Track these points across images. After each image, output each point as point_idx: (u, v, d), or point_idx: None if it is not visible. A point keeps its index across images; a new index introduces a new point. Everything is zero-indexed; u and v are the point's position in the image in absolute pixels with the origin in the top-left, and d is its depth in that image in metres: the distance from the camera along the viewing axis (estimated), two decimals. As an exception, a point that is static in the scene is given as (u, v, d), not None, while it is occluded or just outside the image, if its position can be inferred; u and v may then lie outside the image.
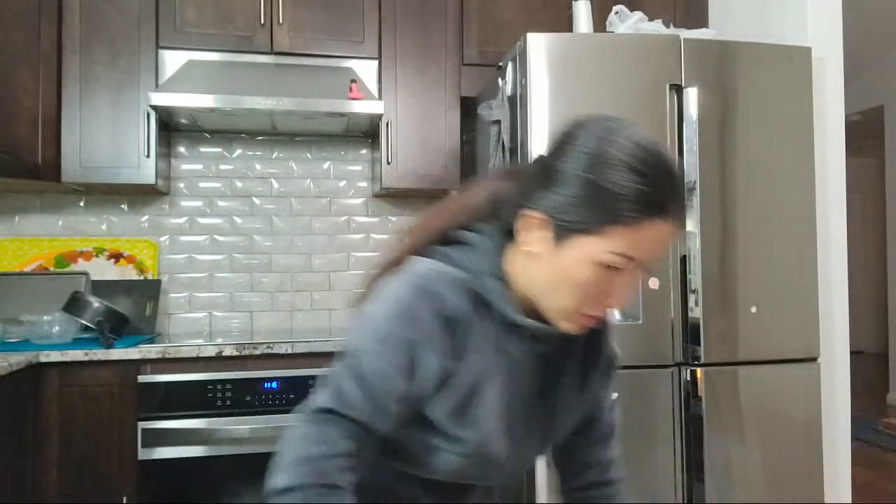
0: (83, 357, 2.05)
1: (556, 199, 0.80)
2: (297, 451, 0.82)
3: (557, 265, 0.81)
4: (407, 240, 0.93)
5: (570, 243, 0.79)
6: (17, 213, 2.60)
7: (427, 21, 2.61)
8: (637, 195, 0.76)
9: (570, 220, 0.79)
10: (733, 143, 2.11)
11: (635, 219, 0.76)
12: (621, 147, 0.78)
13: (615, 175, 0.76)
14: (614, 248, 0.77)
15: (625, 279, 0.80)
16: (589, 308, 0.81)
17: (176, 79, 2.33)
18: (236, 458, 2.12)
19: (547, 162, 0.83)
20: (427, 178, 2.60)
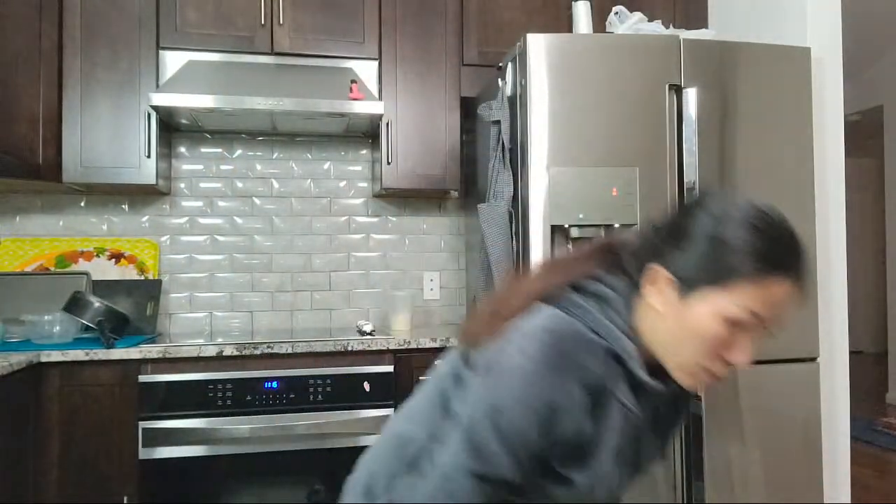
0: (84, 357, 2.06)
1: (682, 257, 0.85)
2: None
3: (683, 320, 0.84)
4: (536, 283, 0.93)
5: (696, 298, 0.83)
6: (17, 213, 2.60)
7: (427, 22, 2.61)
8: (763, 252, 0.81)
9: (696, 275, 0.84)
10: (733, 144, 2.11)
11: (760, 275, 0.80)
12: (746, 210, 0.84)
13: (741, 233, 0.82)
14: (739, 303, 0.81)
15: (748, 337, 0.83)
16: (711, 364, 0.84)
17: (176, 79, 2.33)
18: (237, 458, 2.13)
19: (674, 222, 0.89)
20: (427, 178, 2.60)
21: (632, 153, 2.04)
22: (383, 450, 0.98)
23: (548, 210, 2.00)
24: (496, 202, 2.12)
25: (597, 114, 2.03)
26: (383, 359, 2.25)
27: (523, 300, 0.91)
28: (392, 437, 0.99)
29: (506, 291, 0.97)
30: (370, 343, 2.24)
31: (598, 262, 0.94)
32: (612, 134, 2.04)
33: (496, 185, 2.14)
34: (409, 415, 0.99)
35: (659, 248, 0.88)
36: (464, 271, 2.94)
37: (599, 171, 2.02)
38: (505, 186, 2.11)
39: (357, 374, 2.22)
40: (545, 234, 2.00)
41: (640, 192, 2.03)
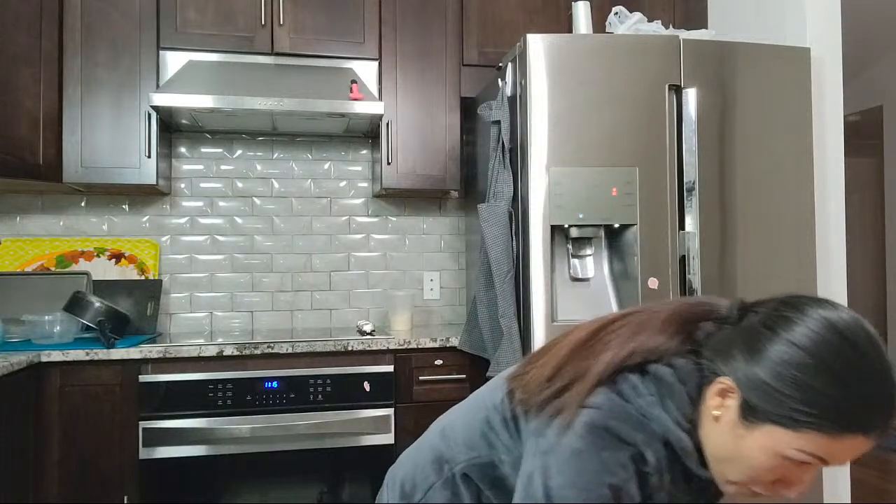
0: (84, 357, 2.06)
1: (755, 379, 0.78)
2: None
3: (740, 442, 0.79)
4: (605, 355, 0.86)
5: (760, 428, 0.78)
6: (18, 214, 2.60)
7: (427, 22, 2.61)
8: (845, 410, 0.73)
9: (766, 408, 0.77)
10: (732, 144, 2.12)
11: (838, 431, 0.74)
12: (838, 353, 0.75)
13: (826, 384, 0.74)
14: (806, 449, 0.75)
15: (808, 474, 0.78)
16: (760, 489, 0.80)
17: (177, 79, 2.33)
18: (237, 458, 2.13)
19: (754, 329, 0.81)
20: (427, 178, 2.60)
21: (632, 153, 2.05)
22: (423, 458, 1.01)
23: (548, 210, 2.00)
24: (496, 202, 2.13)
25: (597, 114, 2.03)
26: (383, 359, 2.25)
27: (588, 379, 0.84)
28: (431, 450, 1.01)
29: (570, 345, 0.89)
30: (370, 343, 2.24)
31: (676, 337, 0.86)
32: (612, 134, 2.04)
33: (496, 185, 2.15)
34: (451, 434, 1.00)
35: (734, 353, 0.80)
36: (464, 271, 2.95)
37: (599, 171, 2.02)
38: (505, 186, 2.12)
39: (357, 374, 2.22)
40: (545, 234, 2.00)
41: (640, 192, 2.03)
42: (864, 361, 0.75)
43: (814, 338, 0.76)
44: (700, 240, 2.06)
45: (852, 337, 0.76)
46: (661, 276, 2.03)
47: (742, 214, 2.11)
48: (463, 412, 1.03)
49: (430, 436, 1.05)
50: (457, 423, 1.01)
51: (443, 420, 1.07)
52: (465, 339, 2.28)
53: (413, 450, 1.07)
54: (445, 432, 1.02)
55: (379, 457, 2.20)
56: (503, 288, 2.06)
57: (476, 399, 1.03)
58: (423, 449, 1.04)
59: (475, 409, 1.00)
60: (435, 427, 1.06)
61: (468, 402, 1.05)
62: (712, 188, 2.09)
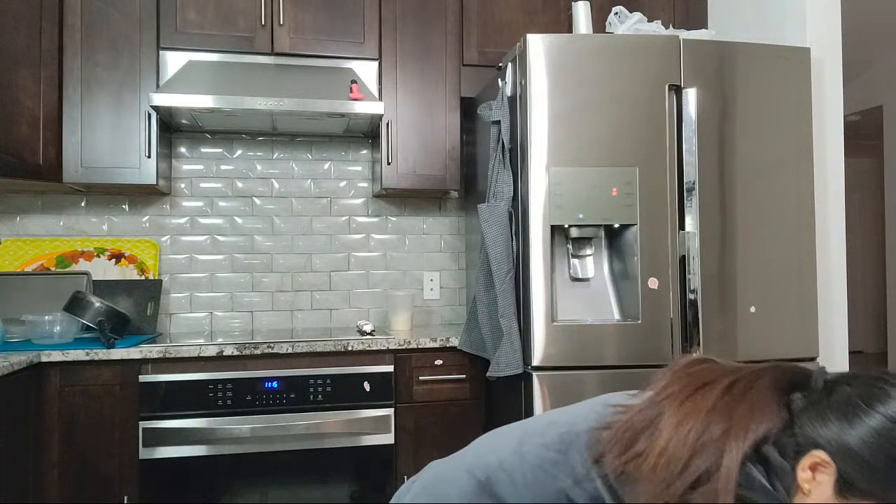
0: (84, 357, 2.06)
1: (850, 453, 0.77)
2: None
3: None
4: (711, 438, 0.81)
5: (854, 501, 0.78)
6: (18, 214, 2.60)
7: (427, 22, 2.61)
8: None
9: (862, 479, 0.77)
10: (732, 144, 2.12)
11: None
12: None
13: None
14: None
15: None
16: None
17: (177, 79, 2.33)
18: (237, 458, 2.13)
19: (850, 403, 0.81)
20: (427, 178, 2.60)
21: (632, 153, 2.05)
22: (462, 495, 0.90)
23: (548, 210, 2.00)
24: (496, 202, 2.13)
25: (597, 114, 2.03)
26: (383, 359, 2.25)
27: (703, 458, 0.80)
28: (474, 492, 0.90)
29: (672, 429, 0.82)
30: (370, 343, 2.24)
31: (779, 413, 0.83)
32: (612, 134, 2.04)
33: (496, 185, 2.15)
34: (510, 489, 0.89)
35: (829, 426, 0.79)
36: (464, 271, 2.95)
37: (599, 171, 2.02)
38: (505, 186, 2.12)
39: (357, 374, 2.22)
40: (545, 234, 2.00)
41: (640, 192, 2.03)
42: None
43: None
44: (700, 240, 2.06)
45: None
46: (661, 276, 2.03)
47: (742, 214, 2.11)
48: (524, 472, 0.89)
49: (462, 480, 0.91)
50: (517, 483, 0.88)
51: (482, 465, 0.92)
52: (465, 339, 2.28)
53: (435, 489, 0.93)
54: (495, 488, 0.90)
55: (379, 457, 2.21)
56: (503, 288, 2.06)
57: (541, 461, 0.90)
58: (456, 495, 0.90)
59: (542, 473, 0.89)
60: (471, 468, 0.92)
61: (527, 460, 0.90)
62: (712, 188, 2.09)
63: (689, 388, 0.86)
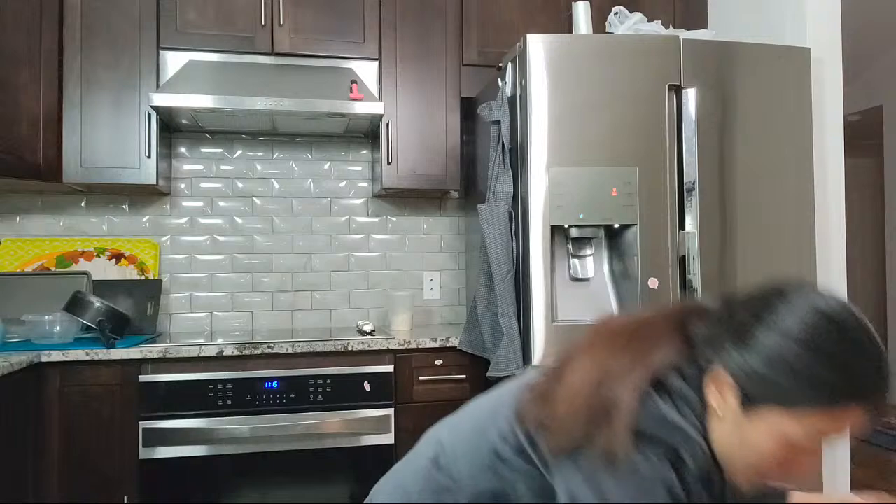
0: (84, 357, 2.06)
1: (748, 367, 0.80)
2: None
3: (742, 433, 0.81)
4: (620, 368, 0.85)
5: (759, 415, 0.80)
6: (18, 214, 2.60)
7: (427, 22, 2.61)
8: (838, 386, 0.76)
9: (763, 395, 0.79)
10: (732, 144, 2.12)
11: (832, 407, 0.76)
12: (826, 334, 0.77)
13: (816, 362, 0.76)
14: (805, 429, 0.77)
15: (810, 455, 0.80)
16: (769, 477, 0.82)
17: (177, 79, 2.33)
18: (237, 458, 2.13)
19: (742, 320, 0.83)
20: (427, 178, 2.60)
21: (632, 153, 2.05)
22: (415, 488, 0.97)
23: (548, 210, 2.00)
24: (496, 202, 2.13)
25: (597, 114, 2.03)
26: (383, 359, 2.25)
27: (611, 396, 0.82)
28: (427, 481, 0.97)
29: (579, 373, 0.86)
30: (370, 343, 2.24)
31: (675, 346, 0.87)
32: (612, 134, 2.04)
33: (496, 185, 2.15)
34: (450, 465, 0.96)
35: (725, 345, 0.82)
36: (464, 271, 2.95)
37: (599, 171, 2.02)
38: (505, 186, 2.12)
39: (357, 374, 2.22)
40: (545, 234, 2.00)
41: (640, 192, 2.03)
42: (851, 338, 0.78)
43: (801, 323, 0.78)
44: (700, 240, 2.06)
45: (838, 317, 0.79)
46: (661, 276, 2.03)
47: (742, 214, 2.11)
48: (461, 441, 0.97)
49: (418, 465, 0.99)
50: (456, 453, 0.96)
51: (430, 447, 1.01)
52: (465, 339, 2.28)
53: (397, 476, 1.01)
54: (441, 462, 0.97)
55: (379, 457, 2.21)
56: (503, 288, 2.06)
57: (474, 428, 0.97)
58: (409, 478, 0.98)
59: (476, 438, 0.95)
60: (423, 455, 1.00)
61: (463, 430, 0.99)
62: (712, 188, 2.09)
63: (599, 336, 0.91)
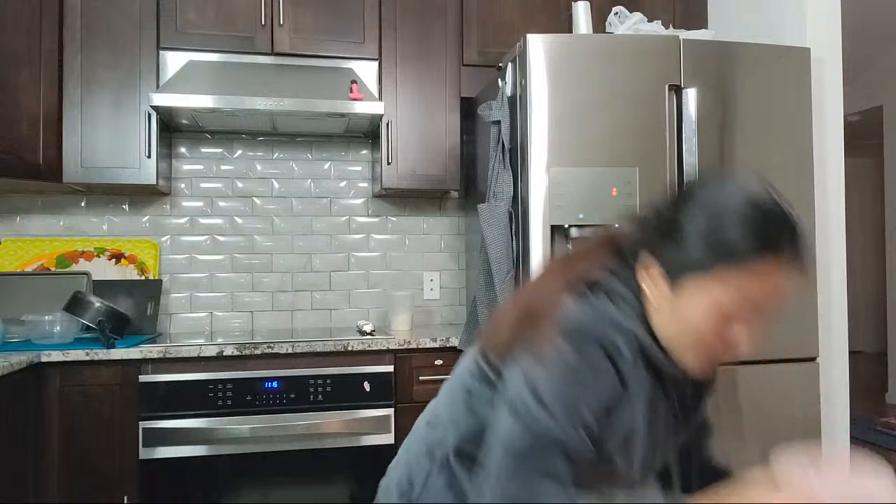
0: (84, 357, 2.06)
1: (673, 249, 0.84)
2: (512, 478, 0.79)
3: (678, 314, 0.84)
4: (554, 284, 0.92)
5: (687, 290, 0.82)
6: (18, 214, 2.60)
7: (427, 22, 2.61)
8: (746, 237, 0.79)
9: (683, 266, 0.83)
10: (732, 144, 2.12)
11: (747, 260, 0.78)
12: (734, 195, 0.82)
13: (726, 220, 0.80)
14: (731, 292, 0.79)
15: (747, 326, 0.81)
16: (712, 353, 0.83)
17: (177, 79, 2.33)
18: (237, 458, 2.13)
19: (665, 214, 0.88)
20: (427, 178, 2.60)
21: (632, 153, 2.04)
22: (414, 455, 1.01)
23: (548, 210, 2.00)
24: (496, 202, 2.13)
25: (597, 114, 2.03)
26: (383, 359, 2.25)
27: (546, 302, 0.89)
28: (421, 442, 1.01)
29: (523, 297, 0.95)
30: (370, 343, 2.24)
31: (605, 256, 0.93)
32: (612, 134, 2.04)
33: (496, 185, 2.15)
34: (437, 420, 1.01)
35: (652, 239, 0.88)
36: (464, 271, 2.95)
37: (599, 171, 2.02)
38: (505, 186, 2.12)
39: (357, 374, 2.22)
40: (545, 235, 2.00)
41: (640, 192, 2.03)
42: (758, 201, 0.82)
43: (713, 197, 0.84)
44: (700, 240, 2.06)
45: (747, 187, 0.84)
46: (661, 276, 2.03)
47: (742, 214, 2.11)
48: (442, 398, 1.04)
49: (416, 433, 1.05)
50: (439, 409, 1.02)
51: (424, 415, 1.07)
52: (465, 339, 2.28)
53: (402, 453, 1.06)
54: (431, 422, 1.02)
55: (379, 457, 2.20)
56: (503, 288, 2.06)
57: (450, 383, 1.04)
58: (411, 447, 1.03)
59: (453, 389, 1.01)
60: (419, 423, 1.06)
61: (443, 391, 1.06)
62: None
63: (549, 265, 0.98)
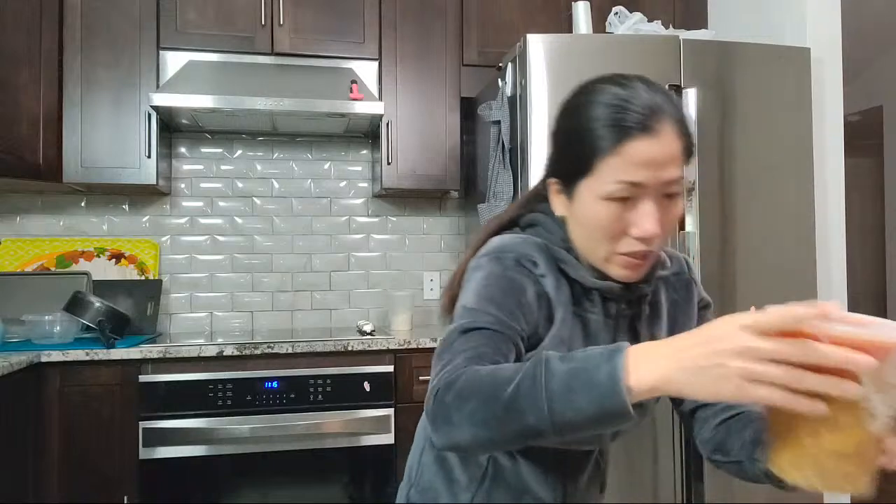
0: (84, 357, 2.06)
1: (555, 160, 0.88)
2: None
3: (578, 217, 0.85)
4: (481, 235, 0.97)
5: (577, 193, 0.84)
6: (18, 214, 2.60)
7: (427, 22, 2.61)
8: (606, 122, 0.79)
9: (567, 172, 0.85)
10: (732, 144, 2.12)
11: (613, 144, 0.79)
12: (591, 89, 0.83)
13: (586, 113, 0.81)
14: (608, 179, 0.79)
15: (640, 208, 0.80)
16: (622, 246, 0.83)
17: (177, 79, 2.33)
18: (237, 458, 2.13)
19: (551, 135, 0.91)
20: (427, 178, 2.60)
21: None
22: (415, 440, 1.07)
23: (548, 210, 2.00)
24: (496, 202, 2.13)
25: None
26: (383, 359, 2.25)
27: (480, 242, 0.95)
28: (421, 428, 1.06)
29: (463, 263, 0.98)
30: (370, 343, 2.24)
31: (529, 196, 0.98)
32: (612, 134, 2.04)
33: (496, 185, 2.15)
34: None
35: (548, 162, 0.91)
36: (464, 271, 2.94)
37: (599, 172, 2.02)
38: (505, 186, 2.11)
39: (357, 374, 2.22)
40: (545, 234, 2.00)
41: (639, 192, 2.03)
42: (595, 86, 0.83)
43: (572, 95, 0.86)
44: (700, 240, 2.06)
45: (601, 77, 0.85)
46: (661, 276, 2.03)
47: (742, 214, 2.11)
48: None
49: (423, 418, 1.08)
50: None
51: None
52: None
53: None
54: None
55: (379, 457, 2.20)
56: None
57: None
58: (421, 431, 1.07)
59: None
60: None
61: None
62: (712, 188, 2.09)
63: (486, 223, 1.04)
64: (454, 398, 0.72)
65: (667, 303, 0.99)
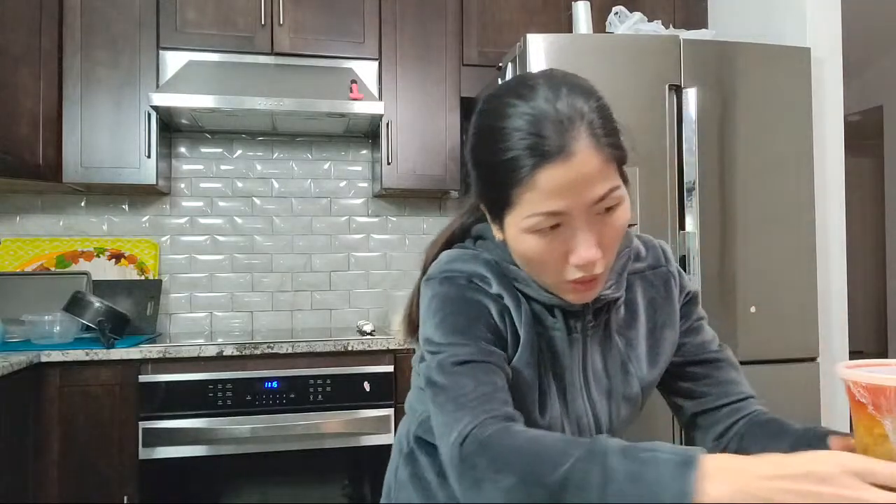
0: (84, 357, 2.06)
1: (477, 189, 0.81)
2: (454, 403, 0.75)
3: (513, 249, 0.78)
4: (429, 252, 0.93)
5: (505, 225, 0.77)
6: (18, 214, 2.60)
7: (427, 21, 2.61)
8: (515, 150, 0.71)
9: (489, 205, 0.79)
10: (732, 144, 2.12)
11: (525, 175, 0.71)
12: (497, 110, 0.74)
13: (493, 143, 0.73)
14: (527, 212, 0.72)
15: (574, 235, 0.73)
16: (567, 274, 0.75)
17: (177, 79, 2.33)
18: (237, 458, 2.13)
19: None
20: (427, 178, 2.60)
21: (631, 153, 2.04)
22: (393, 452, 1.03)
23: (548, 210, 2.00)
24: (496, 202, 2.12)
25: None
26: (383, 359, 2.25)
27: (426, 263, 0.90)
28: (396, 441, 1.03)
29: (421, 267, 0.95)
30: (370, 343, 2.24)
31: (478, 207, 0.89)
32: (612, 134, 2.03)
33: (496, 186, 2.14)
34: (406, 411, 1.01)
35: (472, 186, 0.84)
36: (464, 271, 2.94)
37: (599, 172, 2.02)
38: (505, 186, 2.11)
39: (357, 374, 2.22)
40: (545, 234, 2.00)
41: (640, 192, 2.03)
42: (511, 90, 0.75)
43: (475, 118, 0.79)
44: (700, 240, 2.06)
45: (502, 93, 0.76)
46: (661, 277, 2.03)
47: (742, 214, 2.11)
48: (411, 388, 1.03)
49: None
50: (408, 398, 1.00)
51: None
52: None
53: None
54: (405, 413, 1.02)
55: (379, 457, 2.20)
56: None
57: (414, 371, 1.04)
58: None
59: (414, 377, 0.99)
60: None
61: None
62: (712, 188, 2.09)
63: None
64: (489, 465, 0.66)
65: (643, 301, 0.91)
